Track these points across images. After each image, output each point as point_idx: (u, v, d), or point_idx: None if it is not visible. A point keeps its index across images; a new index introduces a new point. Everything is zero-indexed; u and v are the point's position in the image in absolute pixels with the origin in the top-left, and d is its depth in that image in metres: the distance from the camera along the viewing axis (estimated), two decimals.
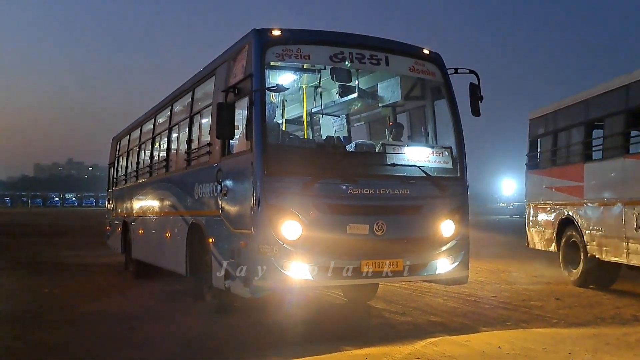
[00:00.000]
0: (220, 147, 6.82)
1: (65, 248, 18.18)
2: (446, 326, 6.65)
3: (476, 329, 6.49)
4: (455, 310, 7.63)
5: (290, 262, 5.77)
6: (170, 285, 10.09)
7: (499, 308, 7.80)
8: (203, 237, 7.36)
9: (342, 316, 7.57)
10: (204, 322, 6.96)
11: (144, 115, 11.47)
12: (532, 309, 7.72)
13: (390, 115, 7.96)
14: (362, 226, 6.01)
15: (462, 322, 6.86)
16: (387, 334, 6.29)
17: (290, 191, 5.87)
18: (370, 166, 6.37)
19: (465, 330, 6.40)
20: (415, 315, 7.30)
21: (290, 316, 7.05)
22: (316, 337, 6.16)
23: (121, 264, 12.86)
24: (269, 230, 5.77)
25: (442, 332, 6.28)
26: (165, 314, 7.69)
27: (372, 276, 6.07)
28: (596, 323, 6.83)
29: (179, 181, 8.55)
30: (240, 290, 6.11)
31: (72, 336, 6.47)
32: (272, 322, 6.94)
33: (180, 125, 8.86)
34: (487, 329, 6.45)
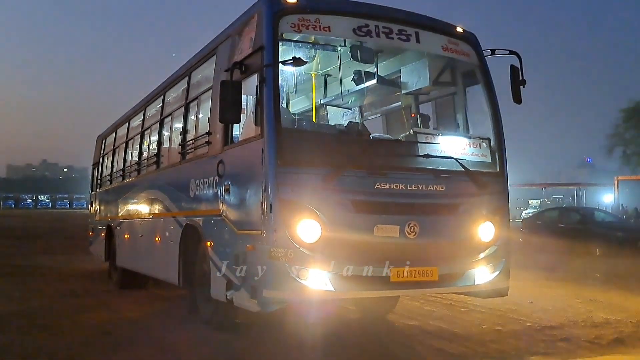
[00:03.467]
0: (222, 135, 5.90)
1: (40, 253, 17.15)
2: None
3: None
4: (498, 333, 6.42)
5: (308, 269, 4.84)
6: (159, 297, 9.10)
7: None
8: (200, 240, 6.41)
9: (361, 336, 6.44)
10: (200, 341, 5.97)
11: (132, 109, 10.51)
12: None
13: (412, 105, 7.08)
14: (391, 227, 5.12)
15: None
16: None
17: (307, 185, 4.96)
18: (401, 157, 5.47)
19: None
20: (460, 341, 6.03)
21: (301, 335, 6.09)
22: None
23: (102, 271, 11.87)
24: (283, 231, 4.85)
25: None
26: (152, 330, 6.66)
27: (404, 287, 5.16)
28: None
29: (171, 178, 7.60)
30: (245, 302, 5.17)
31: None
32: (280, 342, 5.97)
33: (174, 116, 7.91)
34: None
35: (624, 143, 48.66)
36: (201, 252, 6.47)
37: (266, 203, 4.91)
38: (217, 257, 5.85)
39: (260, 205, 4.97)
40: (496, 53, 5.99)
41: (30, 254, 16.50)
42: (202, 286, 6.42)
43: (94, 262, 13.21)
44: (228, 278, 5.53)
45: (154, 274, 8.29)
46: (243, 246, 5.24)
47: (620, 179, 46.37)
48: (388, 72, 6.83)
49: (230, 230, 5.57)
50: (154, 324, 6.92)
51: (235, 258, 5.40)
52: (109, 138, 12.30)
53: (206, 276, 6.23)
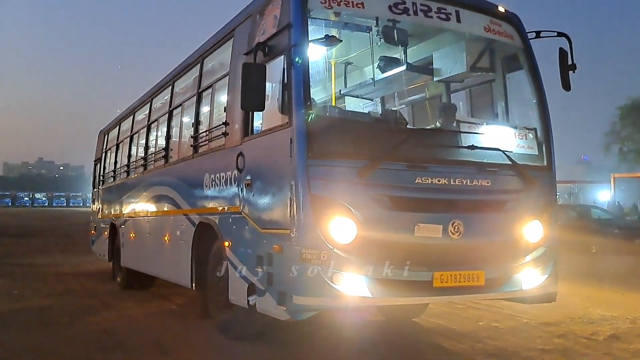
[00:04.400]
0: (241, 125, 5.32)
1: (38, 251, 16.65)
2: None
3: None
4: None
5: (343, 273, 4.26)
6: (168, 300, 8.50)
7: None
8: (216, 240, 5.83)
9: (389, 344, 5.77)
10: (218, 353, 5.38)
11: (136, 102, 9.89)
12: None
13: (443, 94, 6.50)
14: (434, 227, 4.54)
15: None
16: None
17: (341, 179, 4.38)
18: (443, 149, 4.89)
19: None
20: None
21: (330, 344, 5.51)
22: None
23: (102, 271, 11.41)
24: (315, 231, 4.27)
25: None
26: (160, 335, 6.07)
27: (447, 293, 4.57)
28: None
29: (182, 173, 7.01)
30: (271, 309, 4.58)
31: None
32: (306, 353, 5.39)
33: (184, 107, 7.32)
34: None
35: (620, 140, 48.30)
36: (217, 253, 5.90)
37: (295, 199, 4.33)
38: (236, 258, 5.27)
39: (289, 201, 4.38)
40: (541, 35, 5.41)
41: (28, 252, 16.10)
42: (217, 289, 5.85)
43: (94, 262, 12.79)
44: (250, 281, 4.96)
45: (163, 276, 7.69)
46: (268, 247, 4.66)
47: (616, 176, 45.83)
48: (418, 58, 6.24)
49: (252, 229, 4.99)
50: (162, 330, 6.32)
51: (258, 260, 4.82)
52: (112, 133, 11.68)
53: (223, 279, 5.67)
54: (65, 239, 21.17)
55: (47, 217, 43.37)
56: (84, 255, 14.48)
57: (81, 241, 19.20)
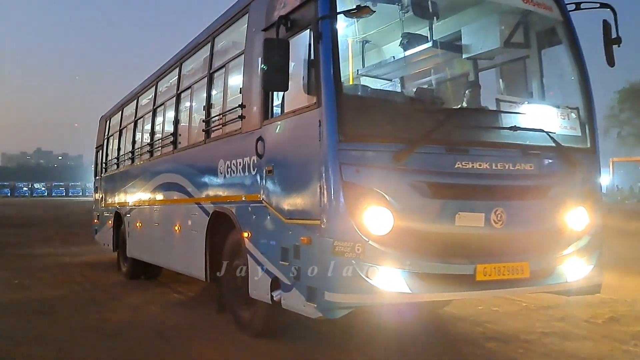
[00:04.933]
0: (260, 107, 4.90)
1: (38, 241, 16.33)
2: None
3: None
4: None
5: (379, 267, 3.88)
6: (177, 291, 8.13)
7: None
8: (232, 230, 5.44)
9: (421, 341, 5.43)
10: (238, 352, 5.00)
11: (140, 86, 9.44)
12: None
13: (470, 72, 6.07)
14: (475, 215, 4.15)
15: None
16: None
17: (375, 164, 3.97)
18: (484, 130, 4.47)
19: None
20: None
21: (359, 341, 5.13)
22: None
23: (108, 262, 11.09)
24: (349, 221, 3.87)
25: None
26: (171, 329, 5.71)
27: (491, 286, 4.17)
28: None
29: (193, 159, 6.59)
30: (299, 306, 4.20)
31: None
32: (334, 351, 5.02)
33: (194, 89, 6.88)
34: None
35: (619, 124, 47.96)
36: (234, 244, 5.51)
37: (326, 187, 3.92)
38: (257, 251, 4.88)
39: (318, 190, 3.98)
40: (582, 7, 4.98)
41: (28, 242, 15.83)
42: (234, 283, 5.47)
43: (96, 252, 12.52)
44: (273, 276, 4.57)
45: (174, 267, 7.30)
46: (294, 238, 4.27)
47: (615, 160, 45.66)
48: (444, 34, 5.82)
49: (275, 219, 4.59)
50: (173, 325, 5.95)
51: (283, 252, 4.43)
52: (114, 118, 11.22)
53: (241, 272, 5.29)
54: (66, 228, 21.02)
55: (47, 206, 42.93)
56: (85, 245, 14.39)
57: (81, 231, 19.05)
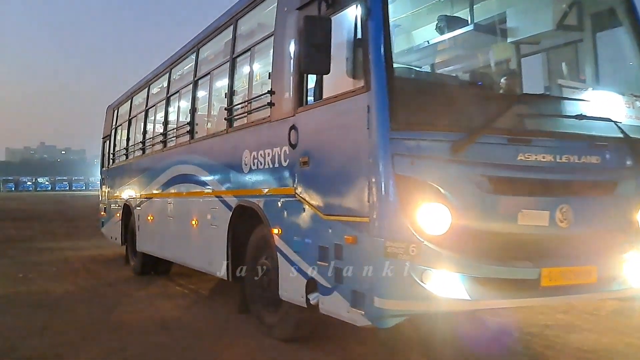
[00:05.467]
0: (294, 93, 4.46)
1: (42, 234, 16.20)
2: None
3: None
4: None
5: (435, 271, 3.44)
6: (190, 288, 7.72)
7: None
8: (258, 226, 5.03)
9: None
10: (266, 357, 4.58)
11: (151, 74, 8.97)
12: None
13: (512, 59, 5.61)
14: (540, 213, 3.71)
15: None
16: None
17: (431, 155, 3.54)
18: (547, 119, 4.03)
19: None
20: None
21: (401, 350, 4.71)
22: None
23: (112, 257, 10.86)
24: (402, 219, 3.44)
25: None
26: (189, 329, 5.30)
27: (556, 293, 3.73)
28: None
29: (213, 150, 6.14)
30: (342, 312, 3.78)
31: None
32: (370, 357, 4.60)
33: (214, 75, 6.42)
34: None
35: None
36: (259, 241, 5.09)
37: (376, 181, 3.49)
38: (289, 249, 4.46)
39: (366, 183, 3.54)
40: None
41: (32, 236, 15.67)
42: (260, 283, 5.06)
43: (102, 246, 12.27)
44: (309, 277, 4.15)
45: (190, 264, 6.87)
46: (336, 237, 3.84)
47: None
48: (486, 16, 5.36)
49: (312, 215, 4.16)
50: (191, 326, 5.54)
51: (322, 252, 4.00)
52: (122, 107, 10.76)
53: (269, 271, 4.89)
54: (69, 222, 21.00)
55: (51, 201, 42.62)
56: (89, 238, 14.25)
57: (85, 224, 18.78)
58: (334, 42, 3.84)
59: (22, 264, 9.89)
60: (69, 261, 10.53)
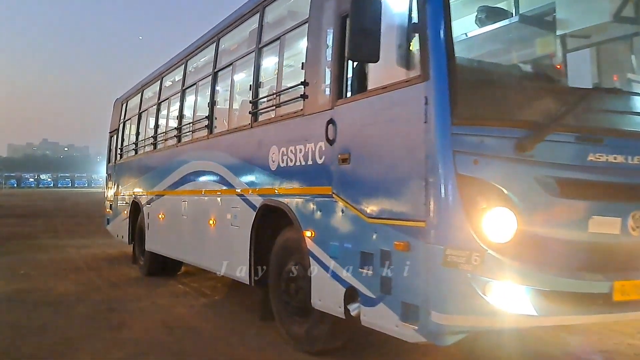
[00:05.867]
0: (333, 84, 4.07)
1: (44, 231, 15.81)
2: None
3: None
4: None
5: (499, 283, 3.07)
6: (201, 289, 7.34)
7: None
8: (287, 227, 4.67)
9: None
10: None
11: (165, 65, 8.58)
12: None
13: (557, 53, 5.22)
14: (611, 220, 3.33)
15: None
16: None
17: (496, 154, 3.17)
18: (619, 116, 3.66)
19: None
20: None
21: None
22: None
23: (115, 255, 10.55)
24: (465, 224, 3.05)
25: None
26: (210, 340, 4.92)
27: (629, 308, 3.35)
28: None
29: (235, 145, 5.75)
30: (389, 325, 3.39)
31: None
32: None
33: (236, 67, 6.04)
34: None
35: None
36: (287, 244, 4.72)
37: (435, 181, 3.11)
38: (324, 254, 4.07)
39: (424, 184, 3.16)
40: None
41: (34, 233, 15.34)
42: (287, 289, 4.68)
43: (108, 245, 11.91)
44: (349, 285, 3.77)
45: (206, 266, 6.47)
46: (383, 242, 3.45)
47: None
48: (532, 7, 4.99)
49: (352, 217, 3.77)
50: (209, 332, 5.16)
51: (365, 258, 3.62)
52: (132, 101, 10.36)
53: (298, 277, 4.51)
54: (72, 219, 20.70)
55: (53, 197, 42.16)
56: (91, 236, 14.01)
57: (87, 221, 18.54)
58: (384, 26, 3.48)
59: (24, 261, 9.68)
60: (71, 258, 10.28)
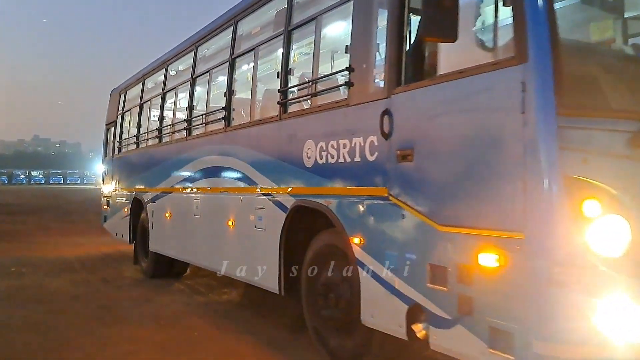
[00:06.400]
0: (390, 70, 3.50)
1: (36, 229, 15.22)
2: None
3: None
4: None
5: (615, 306, 2.55)
6: (214, 293, 6.77)
7: None
8: (326, 232, 4.14)
9: None
10: None
11: (171, 53, 7.92)
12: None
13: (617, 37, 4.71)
14: None
15: None
16: None
17: (606, 150, 2.64)
18: None
19: None
20: None
21: None
22: None
23: (120, 255, 9.89)
24: (574, 236, 2.52)
25: None
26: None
27: None
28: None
29: (260, 138, 5.15)
30: (472, 352, 2.85)
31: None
32: None
33: (259, 52, 5.44)
34: None
35: None
36: (325, 250, 4.19)
37: (537, 184, 2.55)
38: (378, 265, 3.52)
39: (521, 187, 2.61)
40: None
41: (26, 230, 14.84)
42: (325, 301, 4.13)
43: (104, 243, 11.33)
44: (413, 302, 3.23)
45: (225, 271, 5.84)
46: (463, 255, 2.90)
47: None
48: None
49: (418, 224, 3.22)
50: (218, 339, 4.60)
51: (435, 272, 3.07)
52: (131, 91, 9.69)
53: (340, 287, 3.97)
54: (64, 216, 20.04)
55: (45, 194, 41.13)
56: (84, 233, 13.51)
57: (80, 218, 17.87)
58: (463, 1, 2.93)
59: (15, 258, 9.38)
60: (63, 255, 9.87)
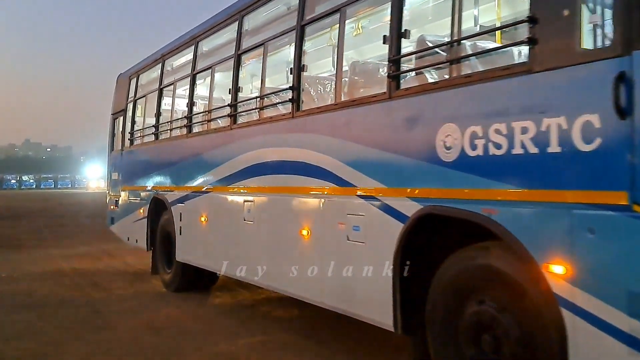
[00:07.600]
0: (623, 18, 2.31)
1: (28, 232, 14.33)
2: None
3: None
4: None
5: None
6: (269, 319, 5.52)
7: None
8: (468, 249, 3.00)
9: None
10: None
11: (202, 27, 6.59)
12: None
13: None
14: None
15: None
16: None
17: None
18: None
19: None
20: None
21: None
22: None
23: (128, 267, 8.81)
24: None
25: None
26: None
27: None
28: None
29: (357, 125, 3.85)
30: None
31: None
32: None
33: (345, 14, 4.17)
34: None
35: None
36: (469, 274, 3.02)
37: None
38: (607, 307, 2.32)
39: None
40: None
41: (17, 235, 13.97)
42: (472, 340, 2.95)
43: (107, 251, 10.22)
44: None
45: (300, 294, 4.50)
46: None
47: None
48: None
49: None
50: None
51: None
52: (146, 75, 8.31)
53: (500, 325, 2.77)
54: (55, 219, 19.15)
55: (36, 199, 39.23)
56: (78, 237, 12.77)
57: (71, 222, 17.70)
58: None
59: (5, 263, 9.05)
60: (56, 259, 9.14)
